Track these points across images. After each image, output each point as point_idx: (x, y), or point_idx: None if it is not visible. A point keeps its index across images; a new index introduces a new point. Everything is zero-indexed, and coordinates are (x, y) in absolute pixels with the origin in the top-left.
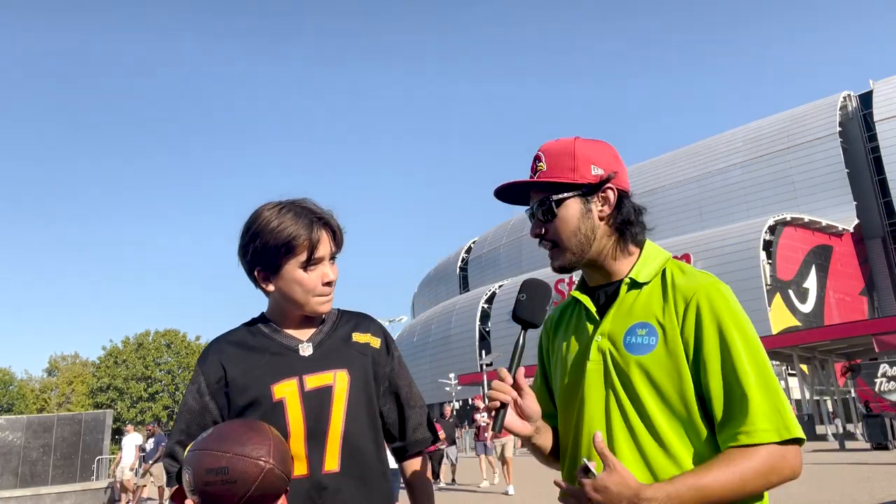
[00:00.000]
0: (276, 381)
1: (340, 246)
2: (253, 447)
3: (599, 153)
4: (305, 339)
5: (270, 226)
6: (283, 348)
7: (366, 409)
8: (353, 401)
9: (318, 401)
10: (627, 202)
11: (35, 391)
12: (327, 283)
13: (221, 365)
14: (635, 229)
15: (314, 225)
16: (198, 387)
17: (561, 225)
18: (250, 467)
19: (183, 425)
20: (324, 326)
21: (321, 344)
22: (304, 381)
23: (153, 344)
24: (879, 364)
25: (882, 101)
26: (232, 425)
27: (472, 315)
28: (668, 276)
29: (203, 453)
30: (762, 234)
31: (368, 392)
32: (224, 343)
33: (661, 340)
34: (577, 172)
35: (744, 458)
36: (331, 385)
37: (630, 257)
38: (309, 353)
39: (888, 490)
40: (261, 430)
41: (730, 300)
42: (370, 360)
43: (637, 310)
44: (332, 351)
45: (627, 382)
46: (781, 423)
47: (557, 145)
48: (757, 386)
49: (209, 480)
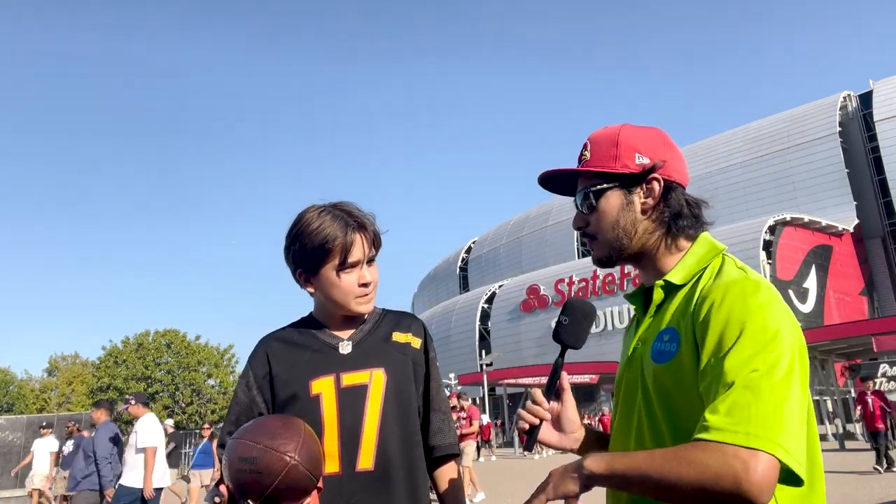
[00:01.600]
0: (315, 377)
1: (378, 248)
2: (282, 441)
3: (646, 140)
4: (346, 337)
5: (309, 229)
6: (324, 346)
7: (403, 409)
8: (389, 400)
9: (353, 398)
10: (677, 193)
11: (35, 391)
12: (364, 283)
13: (268, 360)
14: (685, 223)
15: (348, 228)
16: (247, 381)
17: (601, 217)
18: (276, 461)
19: (233, 417)
20: (365, 325)
21: (361, 342)
22: (340, 378)
23: (153, 344)
24: (879, 364)
25: (882, 101)
26: (270, 419)
27: (472, 315)
28: (704, 276)
29: (238, 442)
30: (762, 234)
31: (407, 391)
32: (272, 339)
33: (680, 348)
34: (618, 161)
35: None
36: (366, 383)
37: (678, 254)
38: (348, 352)
39: (888, 490)
40: (294, 426)
41: (749, 296)
42: (410, 360)
43: (668, 314)
44: (371, 350)
45: (648, 393)
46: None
47: (604, 132)
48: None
49: (240, 468)
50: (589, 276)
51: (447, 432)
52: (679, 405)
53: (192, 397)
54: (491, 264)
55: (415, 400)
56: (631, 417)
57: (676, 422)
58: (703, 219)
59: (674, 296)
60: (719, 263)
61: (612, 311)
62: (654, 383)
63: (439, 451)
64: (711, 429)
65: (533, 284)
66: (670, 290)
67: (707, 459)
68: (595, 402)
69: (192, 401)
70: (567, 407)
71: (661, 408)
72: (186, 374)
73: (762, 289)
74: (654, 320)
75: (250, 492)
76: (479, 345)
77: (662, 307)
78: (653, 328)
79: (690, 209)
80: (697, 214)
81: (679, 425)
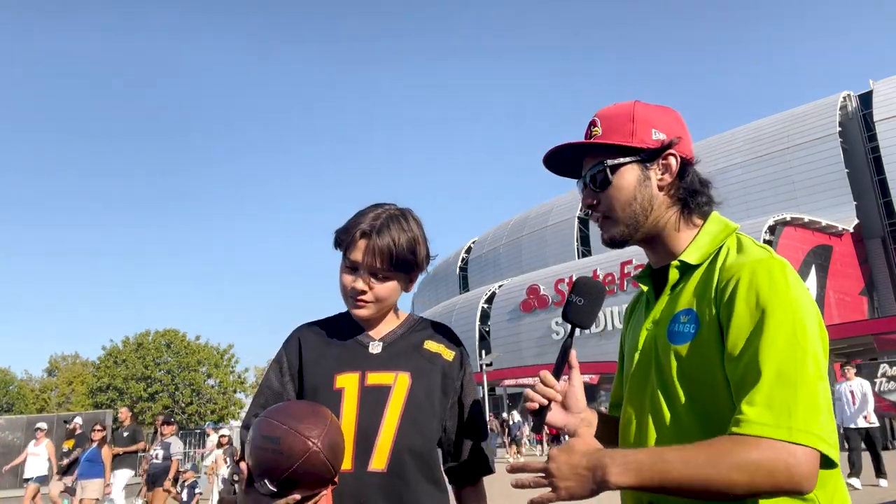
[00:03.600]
0: (340, 372)
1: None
2: (307, 426)
3: (661, 117)
4: (378, 337)
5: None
6: (355, 342)
7: (424, 417)
8: (410, 405)
9: (375, 398)
10: (691, 170)
11: (35, 391)
12: (353, 288)
13: (300, 348)
14: (701, 199)
15: (357, 230)
16: (280, 366)
17: (615, 193)
18: (298, 443)
19: (262, 400)
20: (398, 329)
21: (391, 345)
22: (365, 376)
23: (153, 344)
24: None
25: (882, 101)
26: (299, 403)
27: (472, 315)
28: (721, 254)
29: (264, 420)
30: (762, 234)
31: (431, 400)
32: (306, 329)
33: (701, 328)
34: (635, 136)
35: (728, 445)
36: (390, 385)
37: (692, 231)
38: (377, 352)
39: (888, 490)
40: (321, 413)
41: (777, 278)
42: (439, 371)
43: (685, 294)
44: (400, 353)
45: (665, 374)
46: (787, 421)
47: (615, 108)
48: (774, 375)
49: (262, 446)
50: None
51: (481, 450)
52: (699, 386)
53: (192, 397)
54: (491, 264)
55: (438, 410)
56: (644, 400)
57: (697, 402)
58: (712, 198)
59: (689, 276)
60: (735, 242)
61: (613, 311)
62: (672, 364)
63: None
64: (754, 423)
65: (533, 284)
66: (685, 271)
67: (757, 458)
68: (595, 401)
69: (192, 401)
70: (574, 386)
71: (680, 388)
72: (186, 374)
73: (788, 269)
74: (668, 302)
75: (269, 471)
76: (479, 345)
77: (677, 288)
78: (668, 309)
79: (703, 187)
80: (709, 193)
81: (699, 405)
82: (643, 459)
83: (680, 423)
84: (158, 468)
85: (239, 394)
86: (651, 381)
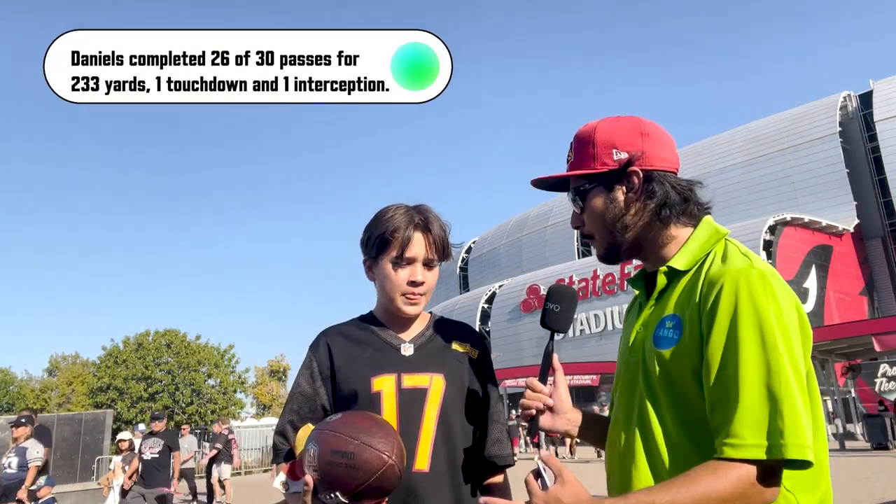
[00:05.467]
0: (376, 375)
1: (441, 255)
2: (380, 440)
3: (621, 134)
4: (408, 339)
5: (381, 219)
6: (386, 345)
7: (459, 416)
8: (446, 406)
9: (413, 400)
10: (660, 182)
11: (35, 391)
12: (412, 282)
13: (330, 353)
14: (671, 210)
15: (412, 224)
16: (311, 371)
17: (590, 217)
18: (375, 458)
19: (295, 406)
20: (426, 331)
21: (422, 347)
22: (401, 378)
23: (153, 344)
24: (879, 364)
25: (882, 101)
26: (361, 416)
27: (472, 315)
28: (708, 260)
29: (332, 434)
30: (762, 234)
31: (463, 399)
32: (334, 333)
33: (684, 334)
34: (597, 161)
35: (712, 477)
36: (426, 387)
37: (679, 240)
38: (409, 354)
39: (888, 490)
40: (388, 427)
41: (757, 289)
42: (467, 370)
43: (671, 300)
44: (432, 354)
45: (650, 377)
46: (772, 440)
47: (582, 131)
48: (756, 392)
49: (334, 461)
50: (589, 276)
51: (504, 443)
52: (682, 390)
53: (192, 397)
54: (491, 264)
55: (471, 408)
56: (632, 402)
57: (680, 406)
58: (697, 201)
59: (677, 282)
60: (723, 249)
61: (612, 311)
62: (657, 368)
63: (496, 462)
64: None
65: (533, 284)
66: (673, 276)
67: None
68: (595, 402)
69: (192, 401)
70: (559, 389)
71: (664, 392)
72: (186, 374)
73: (766, 278)
74: (656, 306)
75: (341, 485)
76: None
77: (665, 293)
78: (655, 314)
79: (679, 194)
80: (688, 198)
81: (682, 409)
82: None
83: (663, 424)
84: (13, 479)
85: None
86: (638, 382)
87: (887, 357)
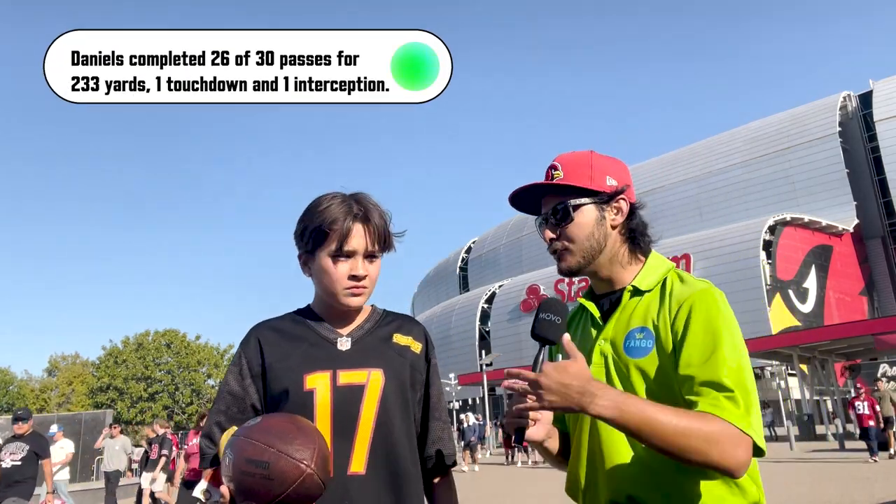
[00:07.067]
0: (310, 372)
1: (383, 246)
2: (297, 448)
3: (613, 167)
4: (345, 333)
5: (315, 210)
6: (321, 340)
7: (399, 413)
8: (385, 403)
9: (349, 398)
10: (637, 213)
11: (35, 391)
12: (354, 276)
13: (261, 349)
14: (645, 238)
15: (350, 216)
16: (240, 369)
17: (576, 229)
18: (291, 468)
19: (223, 406)
20: (365, 324)
21: (360, 340)
22: (337, 375)
23: (153, 344)
24: (879, 364)
25: (882, 101)
26: (280, 419)
27: (471, 315)
28: (668, 283)
29: (247, 442)
30: (762, 234)
31: (404, 396)
32: (265, 328)
33: (656, 343)
34: (594, 181)
35: (700, 417)
36: (363, 384)
37: (636, 266)
38: (346, 348)
39: (888, 490)
40: (308, 431)
41: (721, 305)
42: (408, 365)
43: (637, 315)
44: (370, 349)
45: (627, 384)
46: (747, 417)
47: (574, 156)
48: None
49: (248, 471)
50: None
51: (447, 441)
52: (659, 390)
53: (192, 397)
54: (491, 264)
55: (412, 405)
56: None
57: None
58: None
59: (638, 300)
60: (676, 275)
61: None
62: (633, 374)
63: (437, 461)
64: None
65: (533, 284)
66: (636, 295)
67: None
68: None
69: (192, 401)
70: None
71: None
72: (186, 374)
73: (723, 297)
74: (620, 321)
75: (256, 496)
76: (479, 345)
77: (627, 310)
78: (620, 328)
79: (646, 228)
80: (649, 234)
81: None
82: (629, 402)
83: None
84: None
85: None
86: None
87: (887, 357)
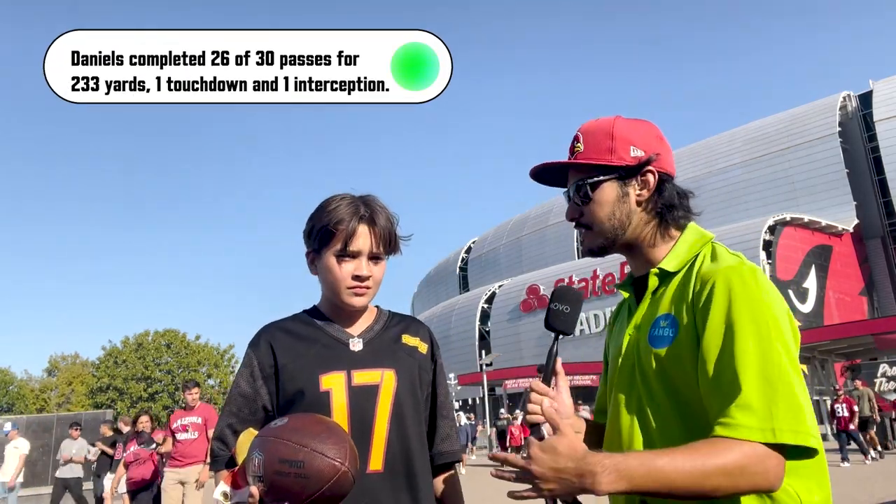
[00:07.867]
0: (325, 372)
1: (388, 248)
2: (331, 447)
3: (640, 134)
4: (356, 334)
5: (323, 210)
6: (334, 341)
7: (412, 412)
8: (399, 402)
9: (364, 397)
10: (669, 185)
11: (35, 391)
12: (357, 276)
13: (273, 351)
14: (678, 213)
15: (356, 217)
16: (251, 371)
17: (595, 209)
18: (327, 467)
19: (234, 408)
20: (375, 325)
21: (371, 341)
22: (351, 375)
23: (153, 344)
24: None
25: (882, 101)
26: (309, 419)
27: (471, 315)
28: (698, 261)
29: (279, 442)
30: (762, 234)
31: (415, 395)
32: (276, 329)
33: (679, 332)
34: (614, 154)
35: (714, 449)
36: (377, 384)
37: (668, 243)
38: (359, 349)
39: (888, 490)
40: (337, 430)
41: (750, 283)
42: (417, 365)
43: (665, 300)
44: (382, 350)
45: (647, 377)
46: (770, 423)
47: (597, 125)
48: (753, 377)
49: (282, 470)
50: (589, 276)
51: (454, 439)
52: (680, 388)
53: None
54: (491, 264)
55: (422, 404)
56: (630, 404)
57: (680, 403)
58: (688, 208)
59: (668, 283)
60: (710, 250)
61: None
62: (654, 367)
63: (445, 458)
64: (739, 427)
65: (533, 284)
66: (664, 278)
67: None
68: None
69: None
70: (561, 392)
71: (664, 390)
72: (186, 374)
73: (758, 273)
74: (649, 307)
75: (291, 495)
76: (479, 345)
77: (657, 294)
78: (648, 315)
79: (681, 200)
80: (687, 205)
81: (683, 406)
82: (634, 467)
83: (663, 423)
84: None
85: None
86: (636, 383)
87: (887, 357)
